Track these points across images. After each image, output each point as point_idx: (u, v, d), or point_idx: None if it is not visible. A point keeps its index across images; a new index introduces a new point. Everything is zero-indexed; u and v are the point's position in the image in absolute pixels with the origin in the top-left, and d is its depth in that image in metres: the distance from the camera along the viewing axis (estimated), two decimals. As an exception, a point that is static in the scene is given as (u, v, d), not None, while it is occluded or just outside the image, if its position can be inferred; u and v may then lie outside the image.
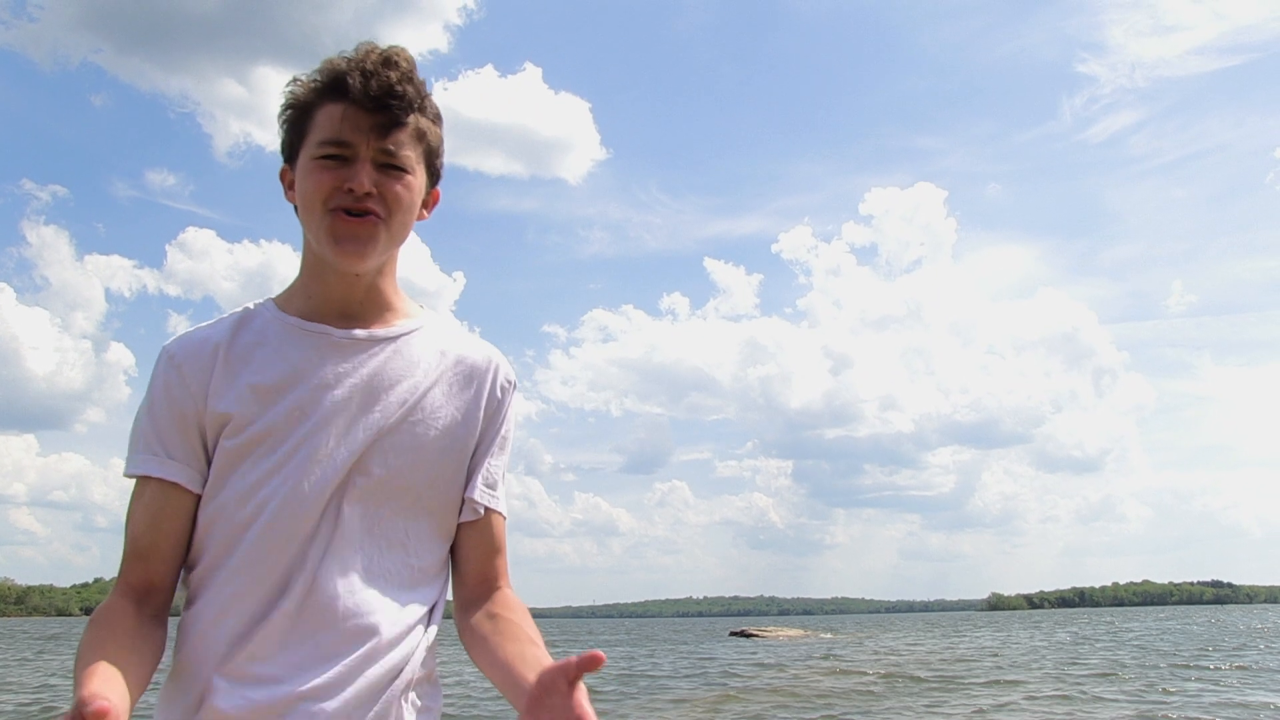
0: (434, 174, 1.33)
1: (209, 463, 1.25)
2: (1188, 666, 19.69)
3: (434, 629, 1.30)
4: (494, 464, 1.36)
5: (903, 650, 29.91)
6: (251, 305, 1.34)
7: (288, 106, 1.29)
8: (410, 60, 1.26)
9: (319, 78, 1.26)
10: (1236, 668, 19.16)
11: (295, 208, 1.31)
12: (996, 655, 25.58)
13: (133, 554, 1.23)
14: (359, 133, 1.23)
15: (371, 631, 1.22)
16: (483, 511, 1.35)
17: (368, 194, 1.23)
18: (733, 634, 51.08)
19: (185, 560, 1.26)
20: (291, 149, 1.30)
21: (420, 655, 1.27)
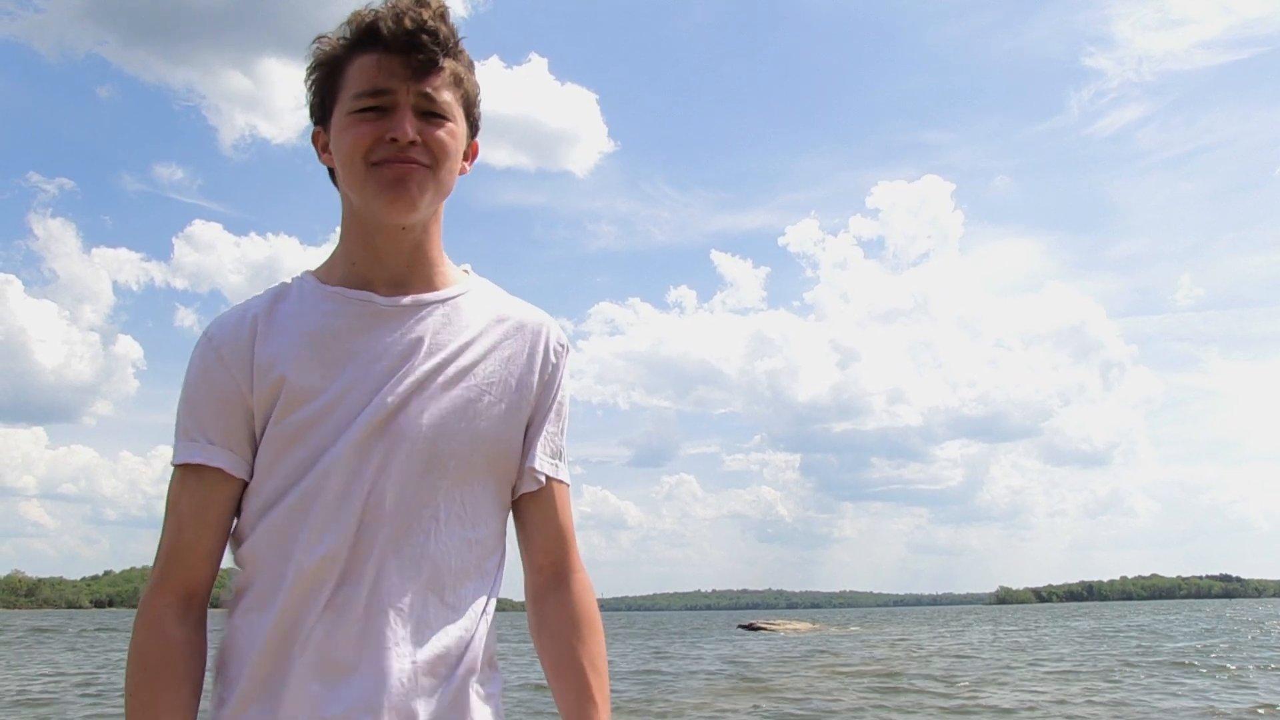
0: (473, 124, 1.28)
1: (253, 447, 1.21)
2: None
3: (493, 606, 1.27)
4: (553, 430, 1.32)
5: (914, 644, 29.83)
6: (289, 280, 1.28)
7: (317, 65, 1.24)
8: (442, 2, 1.22)
9: (347, 31, 1.22)
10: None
11: (330, 172, 1.27)
12: (1004, 650, 25.48)
13: (174, 551, 1.20)
14: (396, 78, 1.18)
15: (436, 614, 1.19)
16: (544, 481, 1.30)
17: (411, 143, 1.18)
18: (741, 627, 51.14)
19: (221, 553, 1.23)
20: (323, 109, 1.25)
21: (483, 639, 1.23)
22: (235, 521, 1.24)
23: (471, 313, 1.28)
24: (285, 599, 1.15)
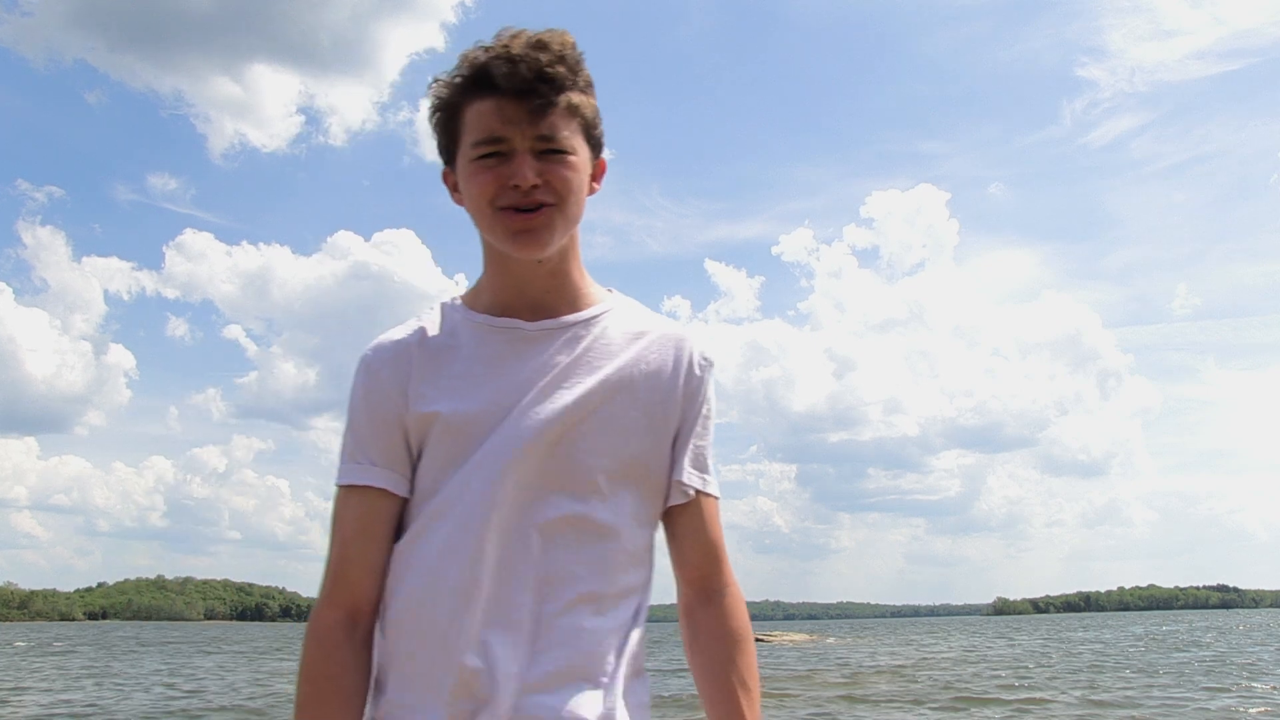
0: (595, 144, 1.29)
1: (413, 465, 1.26)
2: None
3: (644, 617, 1.29)
4: (700, 444, 1.33)
5: (911, 656, 29.75)
6: (440, 304, 1.33)
7: (435, 110, 1.26)
8: (564, 41, 1.22)
9: (461, 74, 1.23)
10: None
11: (465, 208, 1.29)
12: (998, 662, 25.41)
13: (339, 569, 1.25)
14: (511, 125, 1.19)
15: (584, 625, 1.20)
16: (693, 494, 1.32)
17: (534, 186, 1.20)
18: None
19: (384, 570, 1.26)
20: (448, 152, 1.28)
21: (632, 648, 1.25)
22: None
23: (615, 331, 1.30)
24: (431, 609, 1.20)
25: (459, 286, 1.37)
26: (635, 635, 1.26)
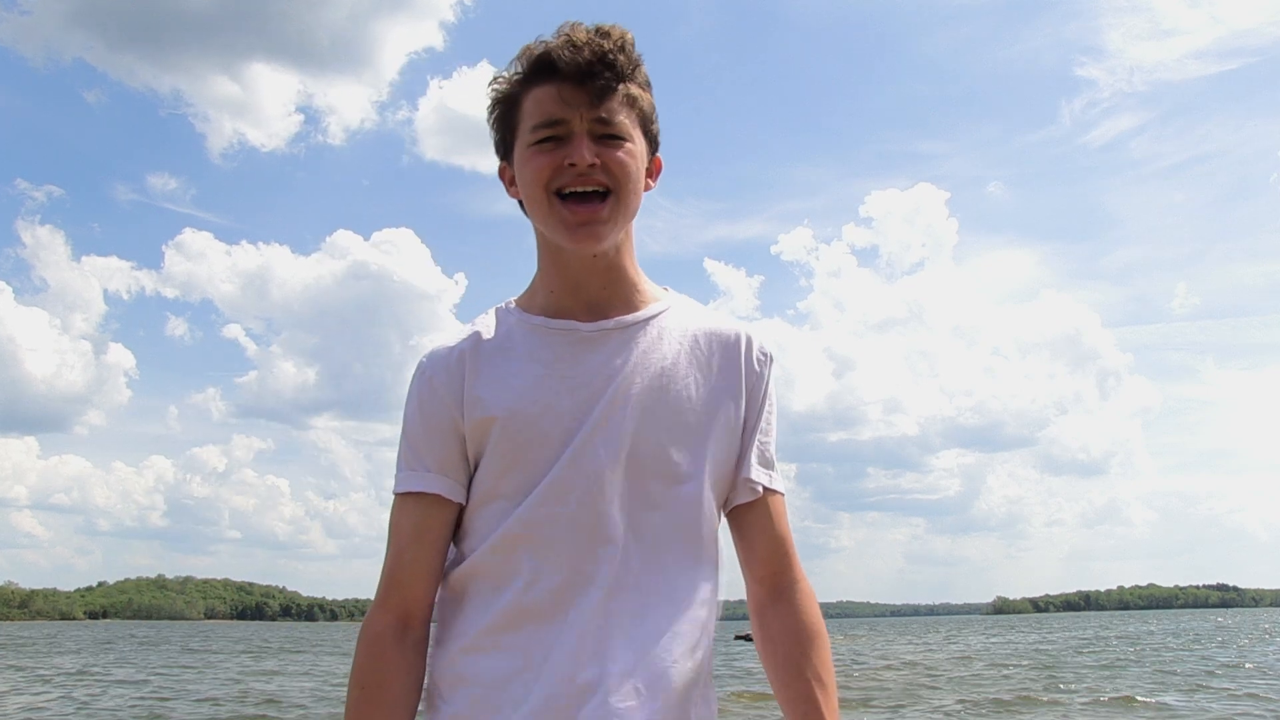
0: (652, 140, 1.29)
1: (469, 472, 1.26)
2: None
3: (714, 619, 1.28)
4: (764, 440, 1.33)
5: (911, 655, 29.74)
6: (496, 309, 1.32)
7: (495, 104, 1.27)
8: (625, 35, 1.23)
9: (521, 66, 1.23)
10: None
11: (520, 203, 1.29)
12: (998, 661, 25.41)
13: (393, 574, 1.25)
14: (570, 107, 1.19)
15: (665, 632, 1.20)
16: (761, 491, 1.31)
17: (591, 165, 1.19)
18: (738, 638, 50.94)
19: (439, 576, 1.26)
20: (505, 145, 1.28)
21: (706, 653, 1.25)
22: (452, 547, 1.28)
23: (674, 330, 1.29)
24: (513, 621, 1.19)
25: (458, 285, 1.36)
26: (708, 638, 1.26)
